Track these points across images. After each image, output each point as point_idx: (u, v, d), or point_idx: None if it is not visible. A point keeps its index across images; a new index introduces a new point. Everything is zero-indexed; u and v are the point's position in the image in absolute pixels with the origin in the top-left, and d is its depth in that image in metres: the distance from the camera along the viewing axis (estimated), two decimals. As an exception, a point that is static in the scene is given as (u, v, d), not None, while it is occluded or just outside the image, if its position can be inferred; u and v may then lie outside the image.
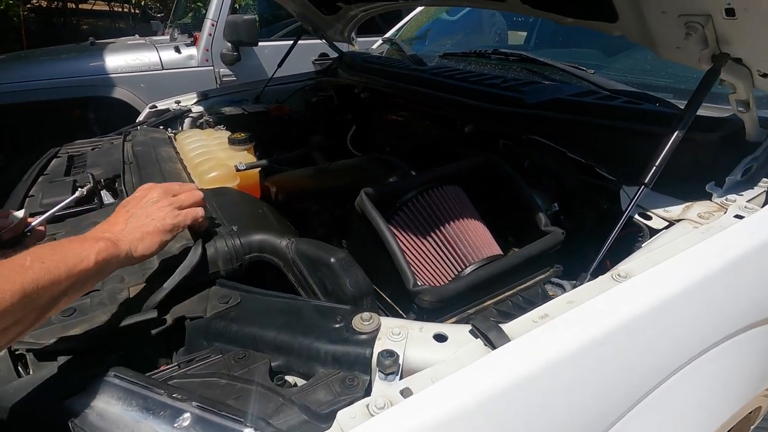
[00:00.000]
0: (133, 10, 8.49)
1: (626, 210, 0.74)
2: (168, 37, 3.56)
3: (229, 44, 3.25)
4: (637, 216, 0.85)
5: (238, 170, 1.11)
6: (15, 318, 0.46)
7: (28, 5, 7.07)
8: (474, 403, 0.50)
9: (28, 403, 0.59)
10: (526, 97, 1.15)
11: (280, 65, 2.24)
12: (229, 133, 1.42)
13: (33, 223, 0.80)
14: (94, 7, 8.31)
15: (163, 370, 0.62)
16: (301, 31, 2.26)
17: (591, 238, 0.96)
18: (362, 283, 0.69)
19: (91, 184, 1.02)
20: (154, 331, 0.65)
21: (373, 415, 0.49)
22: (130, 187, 1.15)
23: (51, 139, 2.81)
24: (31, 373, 0.63)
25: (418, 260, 0.78)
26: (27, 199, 1.13)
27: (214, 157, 1.15)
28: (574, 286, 0.85)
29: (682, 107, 0.99)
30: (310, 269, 0.72)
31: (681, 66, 0.94)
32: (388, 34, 2.62)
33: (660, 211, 0.85)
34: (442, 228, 0.80)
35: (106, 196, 1.21)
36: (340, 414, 0.49)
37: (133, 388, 0.57)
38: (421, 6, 2.20)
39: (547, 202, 0.97)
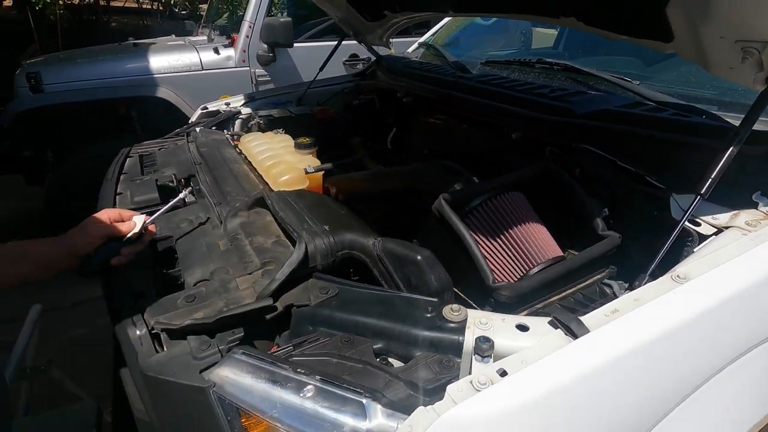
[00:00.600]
0: (160, 8, 8.69)
1: (683, 218, 0.82)
2: (206, 38, 3.68)
3: (265, 45, 3.36)
4: (686, 222, 0.92)
5: (307, 173, 1.21)
6: None
7: (60, 2, 7.30)
8: (562, 385, 0.59)
9: (170, 373, 0.69)
10: (576, 107, 1.22)
11: (321, 69, 2.34)
12: (289, 136, 1.53)
13: (146, 222, 0.91)
14: (125, 5, 8.53)
15: (280, 350, 0.72)
16: (342, 35, 2.35)
17: (636, 243, 1.04)
18: (444, 278, 0.78)
19: (191, 187, 1.13)
20: (268, 317, 0.75)
21: (478, 390, 0.58)
22: (206, 187, 1.26)
23: (97, 137, 2.97)
24: (165, 349, 0.74)
25: (489, 259, 0.87)
26: (117, 197, 1.24)
27: (284, 161, 1.25)
28: (623, 287, 0.93)
29: (728, 119, 1.07)
30: (396, 265, 0.82)
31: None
32: (423, 38, 2.70)
33: (708, 218, 0.92)
34: (509, 230, 0.88)
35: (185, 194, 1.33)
36: (449, 388, 0.58)
37: (260, 364, 0.67)
38: (467, 16, 2.25)
39: (598, 207, 1.05)
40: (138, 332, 0.75)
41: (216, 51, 3.33)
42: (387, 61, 2.31)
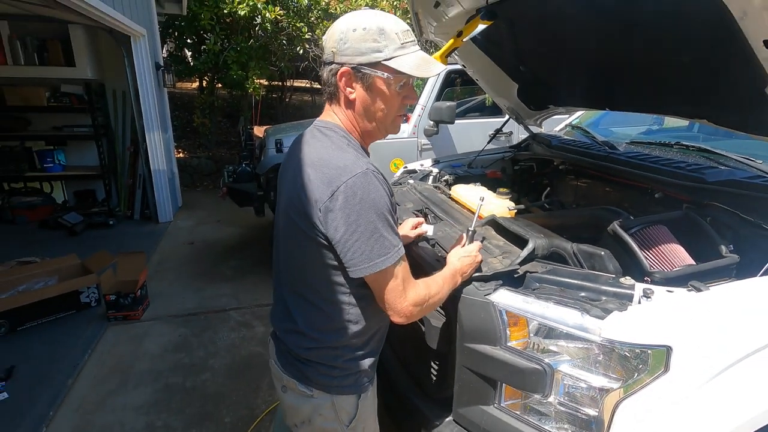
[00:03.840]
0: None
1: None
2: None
3: (431, 122, 4.34)
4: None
5: (509, 210, 1.91)
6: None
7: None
8: (690, 308, 1.14)
9: (471, 294, 1.39)
10: (708, 176, 1.74)
11: (489, 141, 3.13)
12: (484, 187, 2.27)
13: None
14: (311, 85, 10.78)
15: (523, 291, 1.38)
16: (483, 114, 3.13)
17: (750, 268, 1.50)
18: (617, 266, 1.38)
19: (440, 220, 1.90)
20: (515, 275, 1.42)
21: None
22: (441, 215, 2.03)
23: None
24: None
25: (643, 262, 1.44)
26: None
27: (494, 202, 1.98)
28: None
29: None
30: (585, 258, 1.44)
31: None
32: (569, 121, 3.36)
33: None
34: (656, 246, 1.45)
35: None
36: (629, 307, 1.17)
37: (517, 293, 1.34)
38: (620, 111, 2.83)
39: (723, 242, 1.54)
40: (445, 276, 1.48)
41: (396, 126, 4.41)
42: (542, 137, 3.00)
